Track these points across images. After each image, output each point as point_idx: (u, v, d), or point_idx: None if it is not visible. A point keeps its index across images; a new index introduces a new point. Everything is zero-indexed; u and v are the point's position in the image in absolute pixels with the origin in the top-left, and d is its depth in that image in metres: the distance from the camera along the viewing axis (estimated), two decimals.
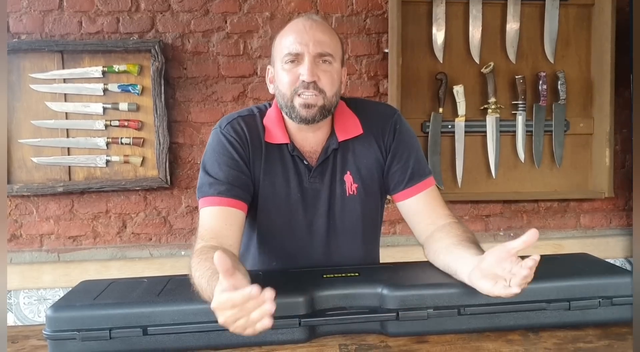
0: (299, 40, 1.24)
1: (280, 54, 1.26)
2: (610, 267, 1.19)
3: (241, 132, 1.31)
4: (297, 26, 1.27)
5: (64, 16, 2.38)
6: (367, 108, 1.41)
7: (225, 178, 1.26)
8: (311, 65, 1.23)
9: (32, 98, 2.37)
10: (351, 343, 1.05)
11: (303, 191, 1.33)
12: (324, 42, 1.25)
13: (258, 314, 0.85)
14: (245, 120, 1.34)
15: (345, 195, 1.34)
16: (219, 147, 1.30)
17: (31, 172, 2.40)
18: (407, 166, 1.36)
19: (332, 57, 1.26)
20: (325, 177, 1.34)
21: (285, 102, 1.27)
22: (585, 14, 2.58)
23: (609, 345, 1.01)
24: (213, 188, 1.25)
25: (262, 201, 1.32)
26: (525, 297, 1.06)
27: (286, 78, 1.25)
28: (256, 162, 1.31)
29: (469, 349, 1.01)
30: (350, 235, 1.38)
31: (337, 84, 1.29)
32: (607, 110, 2.50)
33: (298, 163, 1.33)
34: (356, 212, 1.36)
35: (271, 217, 1.34)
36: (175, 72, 2.44)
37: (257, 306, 0.85)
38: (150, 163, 2.44)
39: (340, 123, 1.35)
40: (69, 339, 1.02)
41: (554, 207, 2.69)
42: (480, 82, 2.53)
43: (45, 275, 2.40)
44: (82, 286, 1.21)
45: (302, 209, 1.34)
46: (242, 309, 0.85)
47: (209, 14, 2.45)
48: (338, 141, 1.33)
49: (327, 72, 1.25)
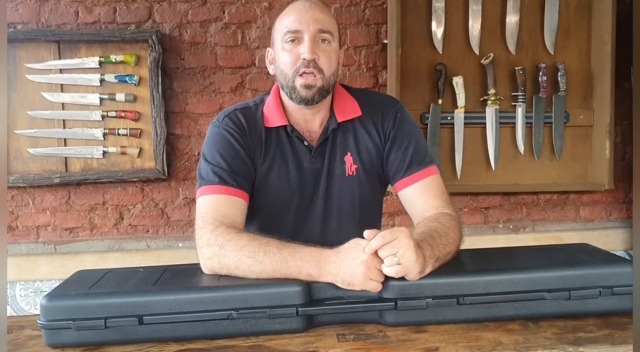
0: (298, 19, 1.28)
1: (281, 34, 1.30)
2: (610, 257, 1.18)
3: (239, 123, 1.33)
4: (297, 6, 1.31)
5: (61, 6, 2.36)
6: (369, 95, 1.45)
7: (228, 167, 1.28)
8: (311, 43, 1.26)
9: (28, 88, 2.36)
10: (349, 333, 1.04)
11: (303, 171, 1.35)
12: (323, 21, 1.29)
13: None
14: (243, 111, 1.37)
15: (345, 175, 1.36)
16: (219, 139, 1.32)
17: (27, 163, 2.38)
18: (406, 155, 1.36)
19: (331, 36, 1.30)
20: (326, 157, 1.36)
21: (286, 82, 1.30)
22: (585, 5, 2.57)
23: (610, 334, 1.00)
24: (217, 176, 1.26)
25: (262, 184, 1.34)
26: (525, 286, 1.05)
27: (287, 58, 1.28)
28: (256, 150, 1.33)
29: (468, 338, 1.00)
30: (348, 216, 1.38)
31: (335, 64, 1.32)
32: (607, 102, 2.48)
33: (298, 144, 1.35)
34: (354, 193, 1.37)
35: (271, 199, 1.35)
36: (172, 62, 2.43)
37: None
38: (147, 154, 2.43)
39: (339, 105, 1.38)
40: (63, 328, 1.01)
41: (554, 200, 2.68)
42: (480, 74, 2.52)
43: (41, 267, 2.39)
44: (78, 276, 1.19)
45: (302, 189, 1.36)
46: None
47: (207, 4, 2.43)
48: (337, 122, 1.36)
49: (326, 52, 1.29)
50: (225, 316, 1.02)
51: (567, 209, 2.69)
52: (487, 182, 2.57)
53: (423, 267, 1.04)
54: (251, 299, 1.03)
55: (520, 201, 2.67)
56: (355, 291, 1.05)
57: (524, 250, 1.24)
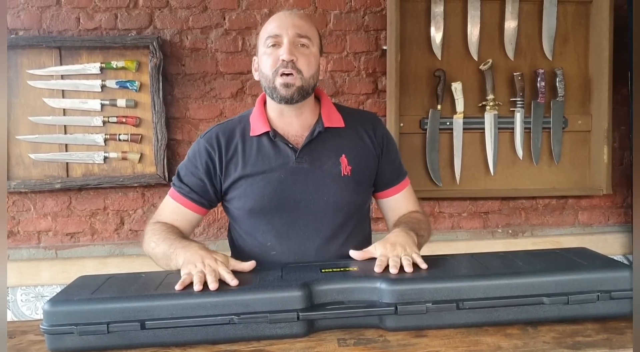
0: (278, 24, 1.38)
1: (262, 39, 1.40)
2: (609, 262, 1.19)
3: (214, 142, 1.45)
4: (278, 15, 1.42)
5: (62, 12, 2.37)
6: (349, 109, 1.55)
7: (185, 181, 1.46)
8: (290, 45, 1.36)
9: (29, 94, 2.37)
10: (350, 337, 1.04)
11: (289, 171, 1.41)
12: (301, 26, 1.38)
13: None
14: (222, 128, 1.48)
15: (341, 175, 1.42)
16: (191, 154, 1.49)
17: (29, 168, 2.39)
18: (395, 166, 1.53)
19: (310, 41, 1.39)
20: (316, 158, 1.42)
21: (267, 83, 1.39)
22: (583, 11, 2.58)
23: (608, 339, 1.01)
24: (175, 186, 1.48)
25: (246, 188, 1.42)
26: (524, 291, 1.06)
27: (268, 60, 1.38)
28: (231, 161, 1.43)
29: (467, 343, 1.01)
30: (343, 213, 1.44)
31: (315, 67, 1.40)
32: (605, 107, 2.50)
33: (282, 147, 1.42)
34: (350, 192, 1.43)
35: (256, 200, 1.41)
36: (173, 68, 2.44)
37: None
38: (148, 160, 2.43)
39: (326, 112, 1.46)
40: (66, 333, 1.02)
41: (552, 204, 2.69)
42: (479, 79, 2.53)
43: (42, 272, 2.40)
44: (80, 281, 1.20)
45: (289, 188, 1.41)
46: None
47: (208, 11, 2.44)
48: (324, 126, 1.43)
49: (304, 55, 1.37)
50: (227, 320, 1.03)
51: (565, 214, 2.70)
52: (486, 187, 2.58)
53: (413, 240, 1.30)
54: (252, 304, 1.04)
55: (519, 206, 2.68)
56: (355, 296, 1.06)
57: (523, 255, 1.25)
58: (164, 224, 1.44)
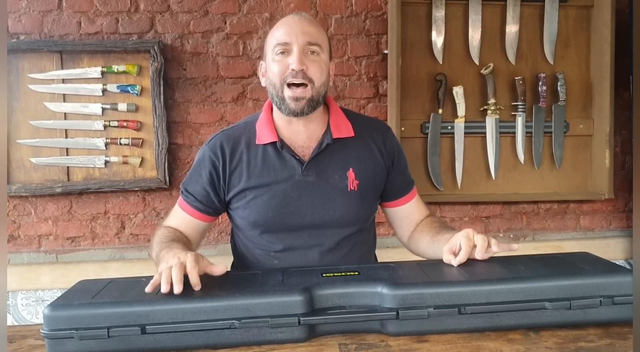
0: (288, 31, 1.33)
1: (271, 46, 1.35)
2: (611, 266, 1.18)
3: (218, 151, 1.42)
4: (287, 20, 1.37)
5: (63, 16, 2.38)
6: (360, 117, 1.52)
7: (191, 190, 1.46)
8: (300, 54, 1.31)
9: (30, 98, 2.37)
10: (351, 342, 1.04)
11: (294, 185, 1.38)
12: (311, 33, 1.33)
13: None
14: (228, 134, 1.45)
15: (347, 190, 1.39)
16: (197, 164, 1.47)
17: (29, 172, 2.39)
18: (405, 176, 1.53)
19: (320, 48, 1.34)
20: (323, 171, 1.39)
21: (275, 92, 1.35)
22: (584, 15, 2.58)
23: (611, 344, 1.00)
24: (182, 195, 1.49)
25: (252, 200, 1.39)
26: (526, 296, 1.06)
27: (276, 68, 1.33)
28: (235, 170, 1.41)
29: (469, 348, 1.00)
30: (348, 227, 1.42)
31: (325, 74, 1.36)
32: (606, 111, 2.50)
33: (289, 159, 1.39)
34: (357, 207, 1.41)
35: (260, 212, 1.39)
36: (174, 72, 2.44)
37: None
38: (149, 164, 2.43)
39: (335, 122, 1.42)
40: (66, 337, 1.01)
41: (554, 209, 2.69)
42: (480, 83, 2.53)
43: (43, 276, 2.39)
44: (80, 285, 1.20)
45: (295, 202, 1.38)
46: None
47: (209, 15, 2.44)
48: (332, 137, 1.39)
49: (315, 62, 1.33)
50: (228, 325, 1.02)
51: (567, 218, 2.69)
52: (487, 191, 2.58)
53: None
54: (253, 309, 1.03)
55: (520, 210, 2.67)
56: (356, 301, 1.06)
57: (525, 259, 1.24)
58: (168, 229, 1.45)
